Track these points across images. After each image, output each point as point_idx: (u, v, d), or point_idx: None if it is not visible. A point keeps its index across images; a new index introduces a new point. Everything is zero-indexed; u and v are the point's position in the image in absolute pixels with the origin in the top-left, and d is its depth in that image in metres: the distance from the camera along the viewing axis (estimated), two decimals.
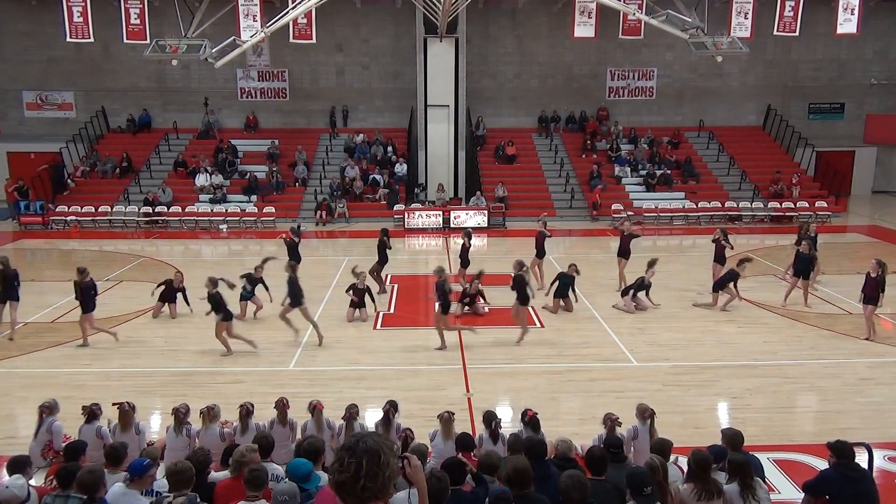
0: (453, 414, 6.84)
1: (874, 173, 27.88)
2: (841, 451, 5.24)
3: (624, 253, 14.08)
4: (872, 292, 11.07)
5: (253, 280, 12.60)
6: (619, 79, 27.27)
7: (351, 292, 12.56)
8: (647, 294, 13.06)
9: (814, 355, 10.74)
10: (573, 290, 13.02)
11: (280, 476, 5.34)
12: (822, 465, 7.07)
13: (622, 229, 14.54)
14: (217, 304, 10.63)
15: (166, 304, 12.81)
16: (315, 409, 7.03)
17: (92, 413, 6.93)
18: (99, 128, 26.27)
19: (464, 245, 14.34)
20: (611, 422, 6.55)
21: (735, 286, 12.77)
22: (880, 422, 8.42)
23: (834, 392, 9.42)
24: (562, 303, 12.89)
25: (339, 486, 2.26)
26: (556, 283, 12.87)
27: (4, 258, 11.92)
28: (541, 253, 14.34)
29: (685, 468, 5.38)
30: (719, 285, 12.93)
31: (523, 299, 11.11)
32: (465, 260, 14.31)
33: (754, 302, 13.42)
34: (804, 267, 12.99)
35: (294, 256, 13.83)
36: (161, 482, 5.27)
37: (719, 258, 13.86)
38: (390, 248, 14.56)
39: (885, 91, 27.60)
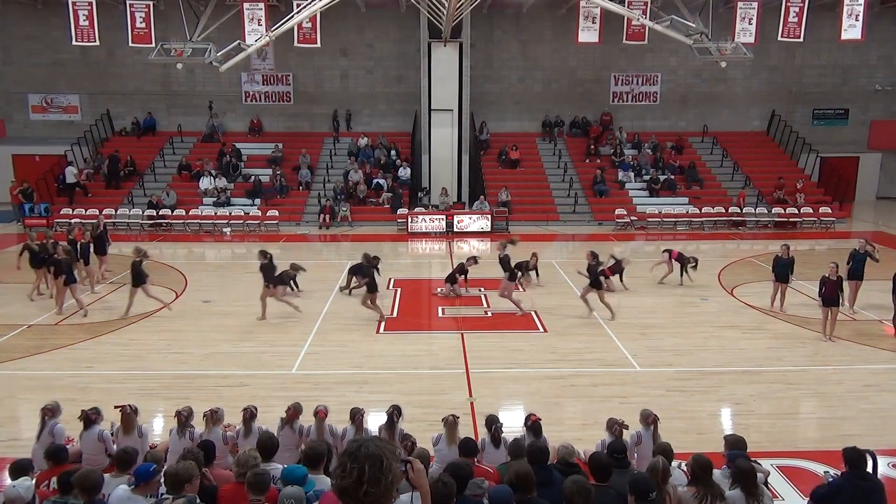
0: (458, 417, 6.81)
1: (878, 179, 27.90)
2: (851, 460, 5.13)
3: (856, 274, 13.16)
4: (832, 294, 11.43)
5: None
6: (623, 84, 27.29)
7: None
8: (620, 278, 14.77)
9: (817, 361, 10.71)
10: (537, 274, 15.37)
11: (278, 477, 5.32)
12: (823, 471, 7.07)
13: (857, 249, 13.34)
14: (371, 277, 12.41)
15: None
16: (317, 415, 7.00)
17: (88, 419, 6.89)
18: (104, 131, 26.38)
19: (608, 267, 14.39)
20: (618, 426, 6.51)
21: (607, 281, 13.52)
22: (884, 428, 8.37)
23: (838, 398, 9.37)
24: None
25: (342, 491, 2.26)
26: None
27: (140, 250, 12.76)
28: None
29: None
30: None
31: (511, 276, 13.08)
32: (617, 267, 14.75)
33: (757, 307, 13.40)
34: (783, 271, 13.16)
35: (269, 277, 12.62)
36: None
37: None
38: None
39: (889, 97, 27.56)
